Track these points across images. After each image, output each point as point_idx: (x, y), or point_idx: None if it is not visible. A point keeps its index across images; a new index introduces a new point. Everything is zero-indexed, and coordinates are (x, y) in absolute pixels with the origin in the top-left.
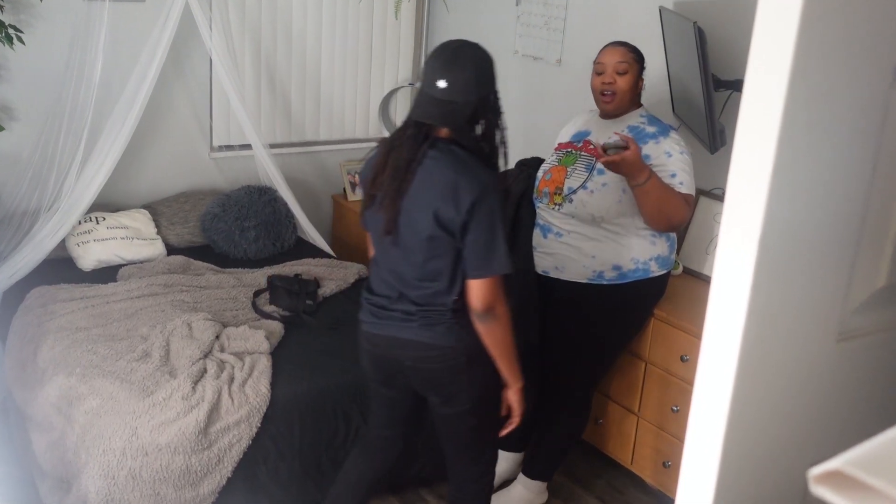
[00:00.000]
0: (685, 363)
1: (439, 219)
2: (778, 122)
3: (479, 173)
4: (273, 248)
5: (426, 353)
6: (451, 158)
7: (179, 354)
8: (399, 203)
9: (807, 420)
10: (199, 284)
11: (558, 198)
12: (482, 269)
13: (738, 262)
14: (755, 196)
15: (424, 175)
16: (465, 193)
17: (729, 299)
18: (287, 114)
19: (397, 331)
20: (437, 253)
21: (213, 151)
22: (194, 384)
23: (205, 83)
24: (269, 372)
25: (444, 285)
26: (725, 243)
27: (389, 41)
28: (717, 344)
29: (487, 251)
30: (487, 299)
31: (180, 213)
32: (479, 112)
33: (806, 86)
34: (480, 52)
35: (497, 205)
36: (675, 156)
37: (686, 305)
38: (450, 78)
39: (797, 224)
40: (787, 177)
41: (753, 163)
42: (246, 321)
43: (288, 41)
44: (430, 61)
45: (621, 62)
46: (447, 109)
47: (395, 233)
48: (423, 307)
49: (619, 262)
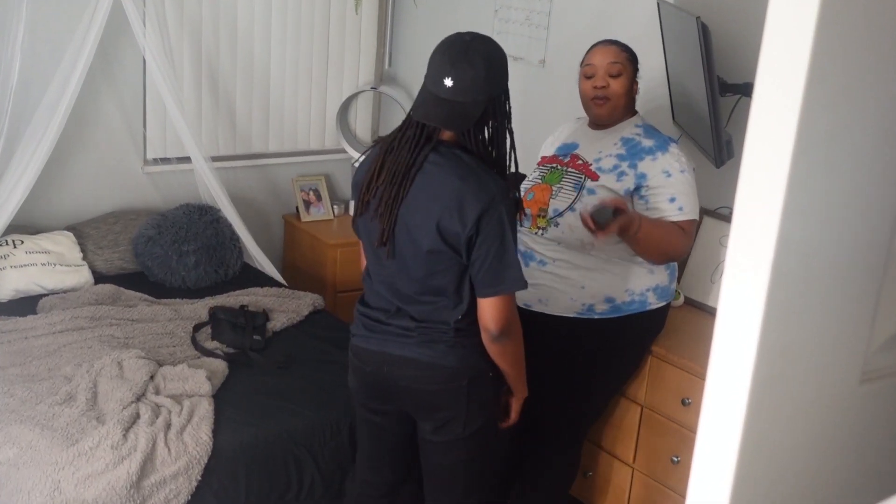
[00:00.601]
0: (687, 407)
1: (442, 232)
2: (793, 131)
3: (486, 181)
4: (215, 275)
5: (423, 372)
6: (455, 164)
7: (108, 397)
8: (396, 211)
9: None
10: (131, 317)
11: (542, 221)
12: (494, 286)
13: (747, 292)
14: (767, 216)
15: (425, 182)
16: (472, 204)
17: (737, 334)
18: (232, 122)
19: (393, 347)
20: (440, 268)
21: (146, 165)
22: (125, 431)
23: (138, 87)
24: (211, 417)
25: (448, 302)
26: (733, 270)
27: (349, 39)
28: (724, 385)
29: (499, 266)
30: (503, 319)
31: (109, 236)
32: (488, 114)
33: (825, 89)
34: (493, 48)
35: (507, 215)
36: (674, 175)
37: (688, 341)
38: (457, 75)
39: (815, 248)
40: (804, 194)
41: (765, 178)
42: (184, 359)
43: (232, 39)
44: (437, 56)
45: (614, 63)
46: (453, 111)
47: (392, 244)
48: (423, 323)
49: (613, 293)
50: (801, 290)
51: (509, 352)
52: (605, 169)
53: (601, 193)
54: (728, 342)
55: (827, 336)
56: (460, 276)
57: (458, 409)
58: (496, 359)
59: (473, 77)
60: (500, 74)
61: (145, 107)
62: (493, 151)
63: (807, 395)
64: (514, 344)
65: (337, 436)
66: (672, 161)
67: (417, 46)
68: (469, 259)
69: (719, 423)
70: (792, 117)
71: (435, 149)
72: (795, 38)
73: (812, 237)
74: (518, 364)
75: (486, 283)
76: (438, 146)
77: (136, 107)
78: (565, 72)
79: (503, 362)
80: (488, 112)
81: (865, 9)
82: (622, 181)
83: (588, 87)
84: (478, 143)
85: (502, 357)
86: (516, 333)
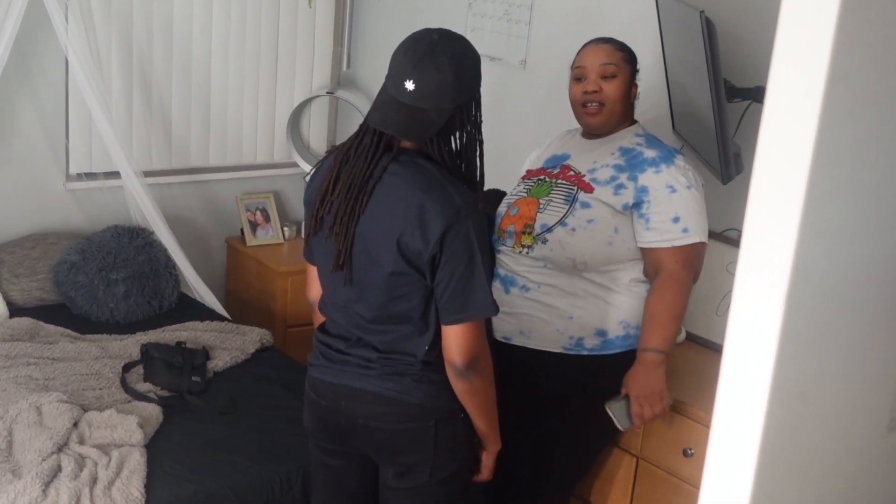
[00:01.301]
0: (689, 459)
1: (404, 251)
2: (811, 142)
3: (451, 194)
4: (148, 307)
5: (385, 409)
6: (417, 174)
7: (25, 447)
8: (353, 229)
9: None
10: (52, 355)
11: (528, 238)
12: (460, 311)
13: (758, 327)
14: (781, 239)
15: (385, 195)
16: (435, 219)
17: (747, 375)
18: (167, 132)
19: (352, 379)
20: (403, 292)
21: (69, 181)
22: (45, 486)
23: (59, 91)
24: (144, 470)
25: (412, 330)
26: (742, 302)
27: (301, 37)
28: (731, 434)
29: (465, 289)
30: (470, 350)
31: (26, 263)
32: (454, 123)
33: (847, 93)
34: (465, 48)
35: (476, 232)
36: (680, 191)
37: (690, 383)
38: (420, 78)
39: (836, 276)
40: (823, 213)
41: (779, 195)
42: (113, 404)
43: (167, 36)
44: (400, 54)
45: (607, 63)
46: (413, 118)
47: (349, 267)
48: (387, 354)
49: (604, 325)
50: (820, 323)
51: (477, 390)
52: (600, 180)
53: (596, 207)
54: (736, 384)
55: (850, 376)
56: (426, 301)
57: (424, 452)
58: (462, 399)
59: (439, 82)
60: (470, 79)
61: (68, 114)
62: (461, 164)
63: (827, 444)
64: (483, 381)
65: (288, 492)
66: (678, 175)
67: (380, 46)
68: (433, 281)
69: (726, 478)
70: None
71: (395, 158)
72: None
73: (832, 263)
74: (488, 407)
75: (450, 309)
76: (399, 155)
77: (58, 114)
78: (549, 74)
79: (470, 404)
80: (455, 121)
81: None
82: (620, 195)
83: (578, 91)
84: (443, 153)
85: (469, 397)
86: (485, 368)
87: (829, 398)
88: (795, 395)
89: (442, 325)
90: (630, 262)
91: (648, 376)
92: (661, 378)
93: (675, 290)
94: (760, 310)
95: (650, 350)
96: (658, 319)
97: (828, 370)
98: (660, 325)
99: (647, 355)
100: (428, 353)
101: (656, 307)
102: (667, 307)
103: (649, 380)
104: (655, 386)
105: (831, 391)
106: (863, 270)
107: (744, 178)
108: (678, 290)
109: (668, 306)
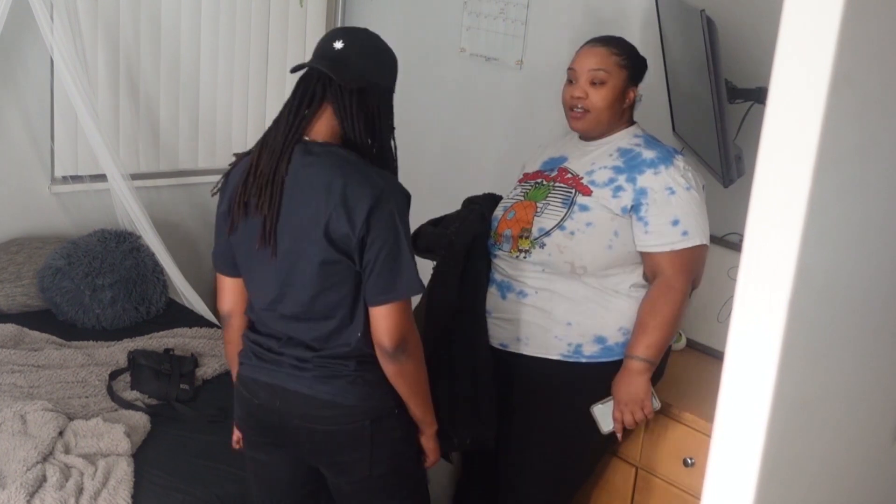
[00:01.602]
0: (690, 468)
1: (332, 237)
2: (815, 144)
3: (371, 175)
4: (136, 313)
5: (320, 411)
6: (333, 161)
7: (10, 457)
8: (277, 221)
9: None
10: (37, 363)
11: (525, 242)
12: (387, 292)
13: (760, 334)
14: (784, 244)
15: (302, 188)
16: (359, 201)
17: (748, 383)
18: (154, 134)
19: (286, 380)
20: (333, 282)
21: (54, 184)
22: (30, 497)
23: (44, 92)
24: (131, 480)
25: (343, 321)
26: (744, 308)
27: (292, 37)
28: (733, 444)
29: (393, 269)
30: (397, 332)
31: (11, 268)
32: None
33: (853, 94)
34: (383, 43)
35: (399, 211)
36: (679, 192)
37: (691, 391)
38: (348, 37)
39: (840, 282)
40: (828, 218)
41: (781, 199)
42: (99, 412)
43: (155, 37)
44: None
45: (597, 69)
46: (341, 63)
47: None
48: (320, 353)
49: (604, 331)
50: (824, 330)
51: (408, 373)
52: (598, 183)
53: (595, 210)
54: (738, 392)
55: (854, 385)
56: (356, 289)
57: (361, 451)
58: (394, 382)
59: (364, 45)
60: (389, 67)
61: (53, 115)
62: (373, 147)
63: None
64: (414, 364)
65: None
66: (676, 176)
67: None
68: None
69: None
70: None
71: (308, 150)
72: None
73: (836, 268)
74: (419, 390)
75: (377, 290)
76: (311, 147)
77: (43, 115)
78: (547, 74)
79: (402, 386)
80: (372, 97)
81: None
82: (619, 197)
83: (567, 94)
84: (359, 131)
85: (401, 379)
86: (415, 350)
87: (833, 407)
88: (798, 403)
89: (370, 307)
90: (630, 265)
91: (631, 383)
92: (644, 386)
93: (668, 297)
94: (762, 316)
95: (634, 358)
96: (646, 327)
97: (832, 378)
98: (647, 332)
99: (632, 362)
100: (361, 343)
101: (646, 314)
102: (656, 314)
103: (631, 387)
104: (637, 393)
105: (835, 400)
106: (867, 276)
107: (745, 181)
108: (671, 298)
109: (657, 314)
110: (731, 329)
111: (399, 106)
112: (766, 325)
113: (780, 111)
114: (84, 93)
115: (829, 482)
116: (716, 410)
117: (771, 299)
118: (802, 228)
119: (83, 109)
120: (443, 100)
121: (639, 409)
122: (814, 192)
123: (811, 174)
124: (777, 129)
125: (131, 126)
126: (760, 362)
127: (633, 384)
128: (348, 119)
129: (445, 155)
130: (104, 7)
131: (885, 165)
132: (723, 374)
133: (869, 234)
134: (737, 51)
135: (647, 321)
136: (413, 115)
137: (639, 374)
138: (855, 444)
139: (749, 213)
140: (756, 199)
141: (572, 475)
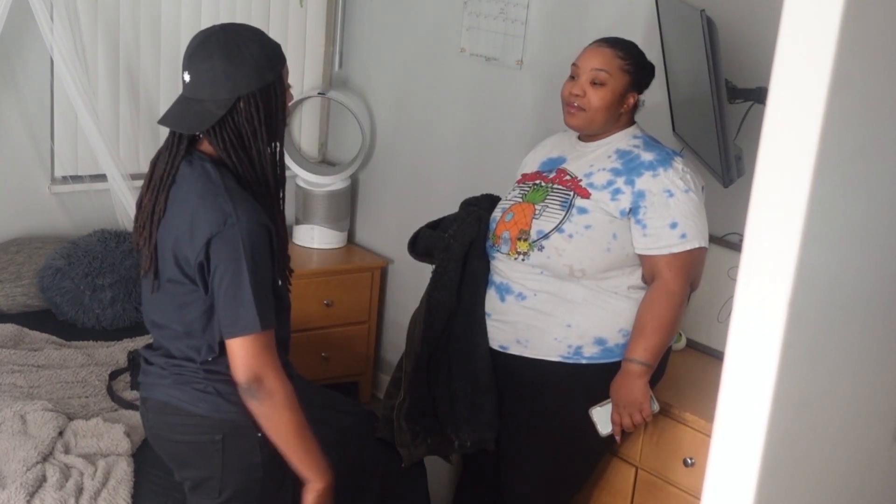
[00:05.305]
0: (690, 468)
1: (177, 256)
2: (815, 144)
3: (223, 201)
4: (136, 313)
5: (171, 419)
6: (198, 180)
7: (10, 457)
8: (155, 232)
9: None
10: (37, 363)
11: (523, 244)
12: (230, 325)
13: (760, 334)
14: (784, 244)
15: (175, 199)
16: (202, 226)
17: (748, 383)
18: (155, 134)
19: (150, 389)
20: (185, 301)
21: (54, 184)
22: (29, 497)
23: (44, 92)
24: (131, 480)
25: (197, 342)
26: (744, 308)
27: (292, 37)
28: (733, 444)
29: (234, 303)
30: (247, 367)
31: (10, 268)
32: (239, 116)
33: (852, 95)
34: (248, 37)
35: (245, 243)
36: (677, 195)
37: (690, 391)
38: (192, 68)
39: (840, 282)
40: (827, 218)
41: (781, 199)
42: (99, 412)
43: (155, 37)
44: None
45: (599, 70)
46: (189, 109)
47: (153, 271)
48: (177, 360)
49: (604, 332)
50: (824, 330)
51: (268, 415)
52: (597, 185)
53: (593, 213)
54: (738, 392)
55: (854, 385)
56: (210, 312)
57: (211, 469)
58: (262, 426)
59: (208, 69)
60: (251, 68)
61: (53, 115)
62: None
63: (831, 455)
64: (273, 407)
65: None
66: (675, 178)
67: (372, 46)
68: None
69: (727, 488)
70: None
71: (189, 160)
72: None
73: (836, 269)
74: (289, 436)
75: (224, 321)
76: (192, 157)
77: (43, 115)
78: (548, 74)
79: (266, 428)
80: (240, 113)
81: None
82: (617, 200)
83: (566, 89)
84: (228, 150)
85: (262, 420)
86: (274, 392)
87: (833, 407)
88: (798, 404)
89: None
90: (629, 267)
91: (629, 386)
92: (642, 389)
93: (666, 300)
94: (763, 316)
95: (633, 361)
96: (644, 330)
97: (832, 378)
98: (645, 335)
99: (630, 366)
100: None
101: (644, 317)
102: (654, 318)
103: (630, 390)
104: (635, 397)
105: (835, 400)
106: (867, 276)
107: (745, 181)
108: (668, 301)
109: (655, 317)
110: (731, 329)
111: (399, 106)
112: (766, 325)
113: (780, 111)
114: (84, 93)
115: (830, 482)
116: (716, 410)
117: (771, 299)
118: (802, 228)
119: (83, 109)
120: (443, 100)
121: (637, 412)
122: (814, 192)
123: (811, 174)
124: (777, 130)
125: (131, 126)
126: (760, 362)
127: (631, 387)
128: (220, 145)
129: (445, 155)
130: (104, 7)
131: (885, 165)
132: (723, 374)
133: (869, 234)
134: (737, 51)
135: (646, 324)
136: (413, 116)
137: (637, 377)
138: (855, 444)
139: (749, 213)
140: (756, 199)
141: (572, 476)
